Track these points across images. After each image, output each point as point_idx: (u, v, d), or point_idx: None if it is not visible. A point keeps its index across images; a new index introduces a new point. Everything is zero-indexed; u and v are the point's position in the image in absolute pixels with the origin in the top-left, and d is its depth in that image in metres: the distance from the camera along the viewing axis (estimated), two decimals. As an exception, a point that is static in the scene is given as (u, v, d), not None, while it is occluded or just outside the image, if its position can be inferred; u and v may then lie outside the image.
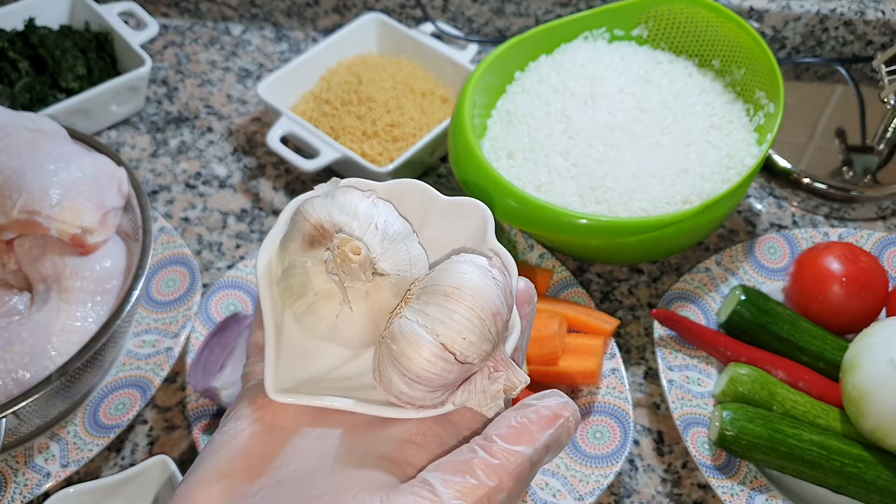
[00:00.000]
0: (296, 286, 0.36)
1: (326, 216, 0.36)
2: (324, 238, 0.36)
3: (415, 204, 0.40)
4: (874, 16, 0.95)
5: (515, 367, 0.35)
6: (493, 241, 0.38)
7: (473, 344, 0.33)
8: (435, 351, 0.33)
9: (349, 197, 0.37)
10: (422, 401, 0.34)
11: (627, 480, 0.71)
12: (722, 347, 0.72)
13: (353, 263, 0.35)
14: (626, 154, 0.76)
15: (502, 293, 0.34)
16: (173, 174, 0.90)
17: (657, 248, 0.77)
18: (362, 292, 0.36)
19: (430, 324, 0.33)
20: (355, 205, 0.36)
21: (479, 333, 0.33)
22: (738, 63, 0.82)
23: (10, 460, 0.66)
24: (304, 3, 1.03)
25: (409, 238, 0.37)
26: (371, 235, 0.36)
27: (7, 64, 0.90)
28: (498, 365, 0.35)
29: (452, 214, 0.39)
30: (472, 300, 0.33)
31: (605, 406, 0.70)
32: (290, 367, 0.37)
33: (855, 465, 0.65)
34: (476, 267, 0.34)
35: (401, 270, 0.36)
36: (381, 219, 0.36)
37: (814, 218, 0.88)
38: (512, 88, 0.83)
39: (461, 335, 0.33)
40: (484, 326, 0.33)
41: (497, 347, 0.34)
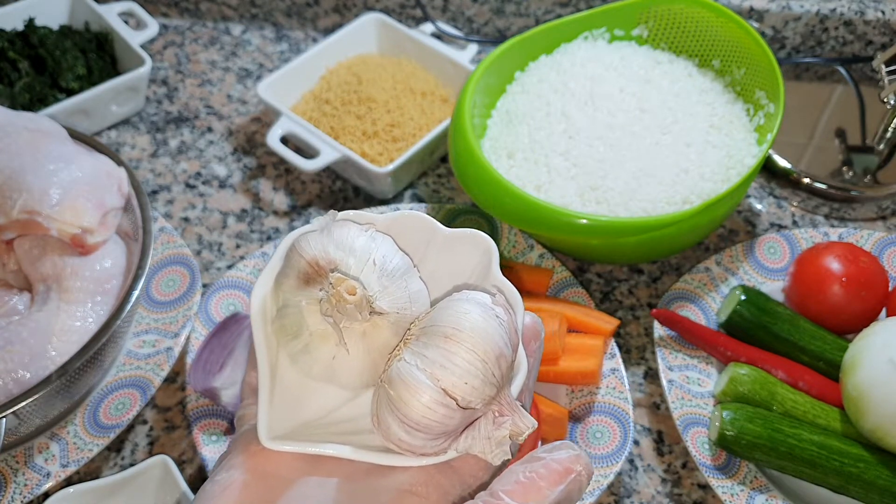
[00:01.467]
0: (290, 326, 0.35)
1: (322, 252, 0.34)
2: (319, 276, 0.34)
3: (415, 236, 0.38)
4: (874, 16, 0.95)
5: (522, 412, 0.33)
6: (498, 275, 0.36)
7: (476, 389, 0.31)
8: (435, 397, 0.31)
9: (346, 231, 0.35)
10: (422, 448, 0.32)
11: (627, 480, 0.71)
12: (722, 347, 0.72)
13: (349, 304, 0.33)
14: (626, 154, 0.76)
15: (506, 333, 0.33)
16: (173, 174, 0.90)
17: (657, 248, 0.77)
18: (359, 332, 0.34)
19: (430, 367, 0.31)
20: (352, 240, 0.35)
21: (482, 377, 0.31)
22: (738, 63, 0.82)
23: (10, 460, 0.66)
24: (304, 3, 1.03)
25: (408, 273, 0.35)
26: (368, 272, 0.34)
27: (7, 64, 0.90)
28: (503, 409, 0.33)
29: (454, 246, 0.38)
30: (473, 342, 0.32)
31: (604, 406, 0.70)
32: (285, 410, 0.35)
33: (855, 464, 0.65)
34: (478, 306, 0.33)
35: (400, 308, 0.34)
36: (379, 254, 0.35)
37: (814, 218, 0.88)
38: (512, 88, 0.83)
39: (463, 380, 0.31)
40: (487, 370, 0.32)
41: (502, 391, 0.33)
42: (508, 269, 0.76)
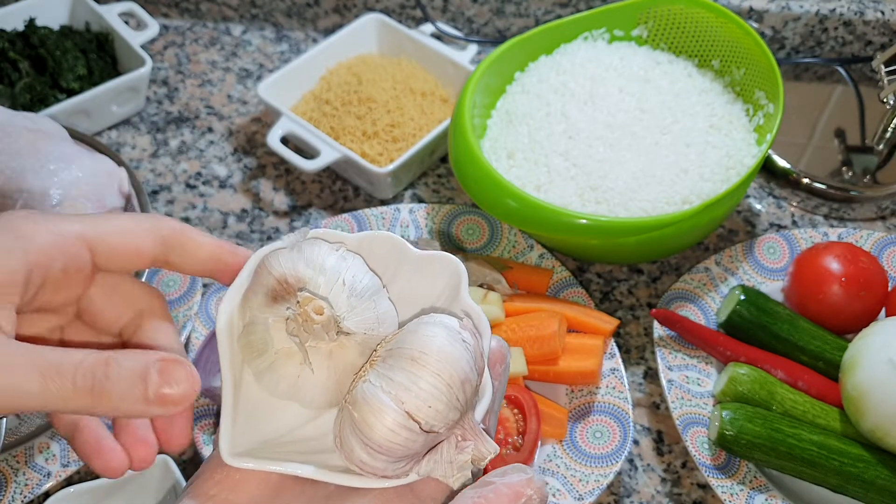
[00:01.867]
0: (256, 343, 0.35)
1: (291, 270, 0.34)
2: (287, 294, 0.34)
3: (385, 256, 0.38)
4: (873, 16, 0.96)
5: (485, 437, 0.33)
6: (466, 298, 0.36)
7: (440, 413, 0.31)
8: (399, 420, 0.31)
9: (316, 250, 0.35)
10: (384, 471, 0.32)
11: (627, 480, 0.71)
12: (721, 347, 0.72)
13: (316, 324, 0.33)
14: (626, 154, 0.76)
15: (472, 358, 0.32)
16: (174, 174, 0.91)
17: (657, 248, 0.77)
18: (325, 352, 0.34)
19: (395, 390, 0.31)
20: (322, 258, 0.34)
21: (447, 401, 0.31)
22: (738, 63, 0.82)
23: (11, 460, 0.66)
24: (305, 4, 1.03)
25: (377, 294, 0.35)
26: (338, 292, 0.34)
27: (7, 64, 0.91)
28: (466, 433, 0.33)
29: (424, 268, 0.37)
30: (439, 366, 0.31)
31: (604, 406, 0.70)
32: (248, 427, 0.35)
33: (854, 464, 0.65)
34: (445, 329, 0.33)
35: (368, 329, 0.34)
36: (349, 274, 0.34)
37: (813, 218, 0.88)
38: (512, 89, 0.83)
39: (427, 403, 0.31)
40: (451, 394, 0.32)
41: (465, 415, 0.33)
42: (508, 269, 0.76)
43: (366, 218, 0.80)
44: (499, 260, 0.78)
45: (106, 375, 0.31)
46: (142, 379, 0.32)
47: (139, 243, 0.35)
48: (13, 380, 0.30)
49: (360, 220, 0.80)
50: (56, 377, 0.31)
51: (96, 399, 0.31)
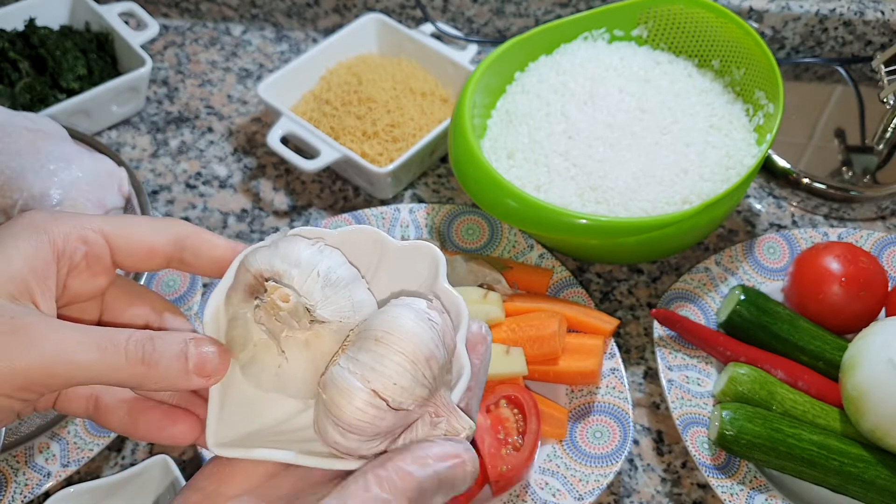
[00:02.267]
0: (238, 337, 0.36)
1: (266, 265, 0.35)
2: (262, 288, 0.35)
3: (367, 250, 0.39)
4: (873, 16, 0.96)
5: (459, 413, 0.34)
6: (443, 283, 0.37)
7: (406, 389, 0.32)
8: (365, 398, 0.32)
9: (293, 245, 0.36)
10: (358, 451, 0.33)
11: (627, 480, 0.71)
12: (721, 347, 0.72)
13: (282, 311, 0.34)
14: (626, 154, 0.76)
15: (439, 336, 0.34)
16: (174, 174, 0.91)
17: (657, 248, 0.77)
18: (302, 341, 0.35)
19: (361, 370, 0.32)
20: (298, 253, 0.36)
21: (412, 378, 0.32)
22: (738, 63, 0.82)
23: (11, 460, 0.66)
24: (305, 4, 1.03)
25: (353, 284, 0.36)
26: (312, 283, 0.35)
27: (7, 64, 0.91)
28: (439, 410, 0.34)
29: (406, 259, 0.39)
30: (402, 344, 0.33)
31: (604, 406, 0.70)
32: (238, 419, 0.36)
33: (854, 464, 0.65)
34: (410, 310, 0.34)
35: (343, 317, 0.35)
36: (323, 266, 0.36)
37: (813, 218, 0.88)
38: (512, 89, 0.83)
39: (392, 381, 0.32)
40: (417, 371, 0.33)
41: (437, 393, 0.34)
42: (508, 269, 0.76)
43: (366, 218, 0.80)
44: (499, 260, 0.78)
45: (153, 348, 0.34)
46: (182, 352, 0.35)
47: (154, 240, 0.37)
48: (69, 352, 0.32)
49: (360, 220, 0.80)
50: (110, 348, 0.33)
51: (147, 369, 0.34)
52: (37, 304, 0.34)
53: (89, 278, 0.37)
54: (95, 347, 0.33)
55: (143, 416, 0.38)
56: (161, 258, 0.38)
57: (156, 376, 0.34)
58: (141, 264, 0.38)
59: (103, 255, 0.36)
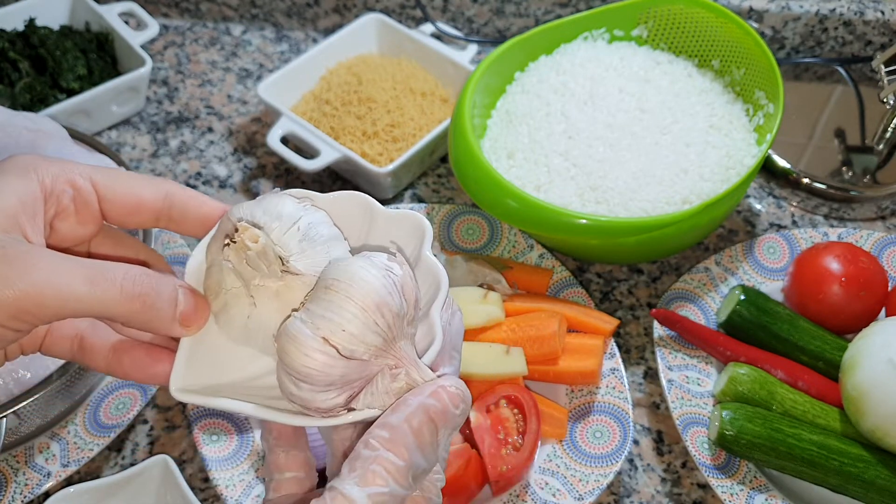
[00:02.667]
0: (213, 285, 0.36)
1: (248, 215, 0.35)
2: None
3: (357, 216, 0.39)
4: (873, 16, 0.96)
5: (419, 364, 0.33)
6: (426, 251, 0.37)
7: (355, 336, 0.32)
8: (314, 346, 0.32)
9: (276, 200, 0.36)
10: (314, 402, 0.33)
11: (627, 480, 0.71)
12: (721, 347, 0.72)
13: (250, 251, 0.34)
14: (626, 154, 0.76)
15: (395, 285, 0.33)
16: (174, 174, 0.91)
17: (657, 248, 0.77)
18: (273, 291, 0.35)
19: (311, 318, 0.32)
20: (281, 207, 0.36)
21: (362, 325, 0.32)
22: (738, 63, 0.82)
23: (11, 460, 0.66)
24: (305, 4, 1.03)
25: (333, 242, 0.36)
26: (291, 235, 0.35)
27: (7, 64, 0.91)
28: (399, 362, 0.33)
29: (394, 227, 0.38)
30: (351, 291, 0.32)
31: (604, 406, 0.70)
32: (206, 370, 0.36)
33: (854, 464, 0.65)
34: (364, 259, 0.33)
35: (317, 272, 0.34)
36: (305, 221, 0.35)
37: (813, 218, 0.88)
38: (512, 89, 0.83)
39: (340, 327, 0.32)
40: (368, 318, 0.32)
41: (395, 344, 0.33)
42: (508, 269, 0.76)
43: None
44: (499, 260, 0.78)
45: (152, 286, 0.34)
46: (173, 297, 0.34)
47: (143, 193, 0.37)
48: (61, 281, 0.32)
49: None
50: (103, 281, 0.32)
51: (141, 306, 0.33)
52: (27, 238, 0.33)
53: (77, 224, 0.36)
54: (87, 279, 0.32)
55: (127, 355, 0.37)
56: (149, 213, 0.37)
57: (147, 315, 0.34)
58: (128, 218, 0.37)
59: (91, 201, 0.36)
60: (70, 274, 0.32)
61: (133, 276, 0.33)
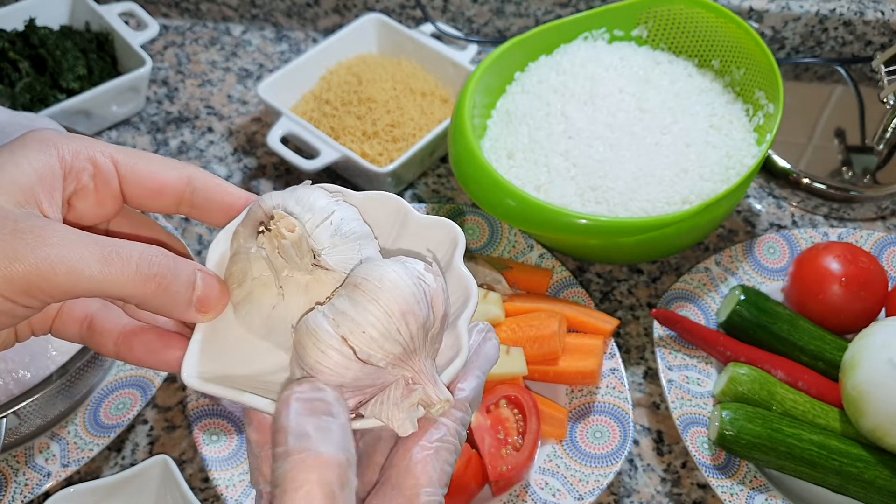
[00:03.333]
0: (237, 273, 0.35)
1: (281, 205, 0.34)
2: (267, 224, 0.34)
3: (388, 219, 0.38)
4: (873, 16, 0.96)
5: (438, 384, 0.32)
6: (458, 262, 0.36)
7: (375, 340, 0.31)
8: (331, 343, 0.31)
9: (309, 192, 0.35)
10: None
11: (627, 480, 0.71)
12: (721, 347, 0.72)
13: (286, 240, 0.32)
14: (626, 154, 0.76)
15: (424, 295, 0.32)
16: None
17: (657, 248, 0.77)
18: (302, 284, 0.34)
19: (334, 314, 0.31)
20: (314, 200, 0.34)
21: (383, 330, 0.31)
22: (738, 63, 0.82)
23: (11, 460, 0.66)
24: (305, 4, 1.03)
25: (364, 240, 0.35)
26: (323, 228, 0.34)
27: (7, 64, 0.91)
28: (416, 376, 0.32)
29: (425, 233, 0.37)
30: (378, 293, 0.31)
31: (604, 406, 0.70)
32: (220, 360, 0.34)
33: (854, 464, 0.65)
34: (399, 264, 0.32)
35: (347, 269, 0.33)
36: (337, 216, 0.34)
37: (813, 218, 0.88)
38: (512, 89, 0.83)
39: (361, 328, 0.30)
40: (391, 323, 0.31)
41: (415, 356, 0.32)
42: (508, 269, 0.76)
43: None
44: (499, 260, 0.78)
45: (169, 268, 0.32)
46: (191, 281, 0.33)
47: (166, 176, 0.35)
48: (74, 257, 0.30)
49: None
50: (118, 260, 0.31)
51: (156, 287, 0.32)
52: (43, 213, 0.32)
53: (96, 204, 0.35)
54: (102, 257, 0.31)
55: (137, 339, 0.36)
56: (171, 197, 0.36)
57: (162, 298, 0.32)
58: (149, 201, 0.36)
59: (111, 180, 0.35)
60: (84, 250, 0.31)
61: (150, 257, 0.32)
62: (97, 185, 0.34)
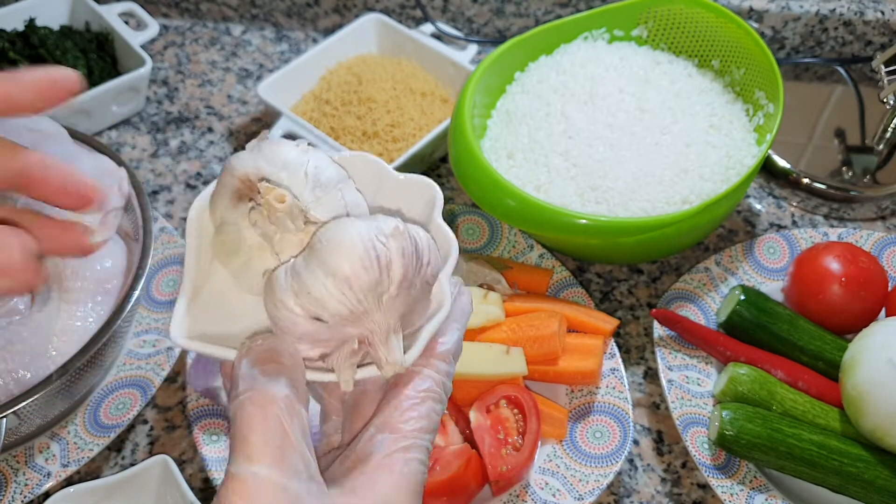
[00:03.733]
0: (230, 243, 0.35)
1: (252, 168, 0.34)
2: (251, 191, 0.34)
3: (366, 179, 0.38)
4: (873, 16, 0.96)
5: (391, 345, 0.33)
6: (438, 219, 0.37)
7: (318, 301, 0.32)
8: (283, 298, 0.32)
9: (275, 147, 0.35)
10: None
11: (627, 480, 0.71)
12: (721, 347, 0.72)
13: (279, 213, 0.33)
14: (626, 154, 0.76)
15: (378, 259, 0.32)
16: (174, 174, 0.91)
17: (657, 248, 0.77)
18: (296, 242, 0.34)
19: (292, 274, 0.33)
20: (283, 154, 0.35)
21: (327, 292, 0.32)
22: (738, 63, 0.82)
23: (11, 460, 0.67)
24: (305, 4, 1.03)
25: (343, 183, 0.35)
26: (301, 183, 0.34)
27: (7, 64, 0.91)
28: (370, 336, 0.33)
29: (404, 191, 0.38)
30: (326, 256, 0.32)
31: (604, 406, 0.70)
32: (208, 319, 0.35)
33: (854, 464, 0.65)
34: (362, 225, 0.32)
35: (337, 214, 0.34)
36: (311, 166, 0.35)
37: (813, 218, 0.88)
38: (512, 89, 0.83)
39: (307, 290, 0.32)
40: (334, 287, 0.32)
41: (367, 316, 0.32)
42: (508, 269, 0.76)
43: (366, 218, 0.80)
44: (499, 260, 0.78)
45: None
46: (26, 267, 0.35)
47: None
48: None
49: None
50: None
51: None
52: None
53: None
54: None
55: None
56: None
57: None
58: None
59: None
60: None
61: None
62: None
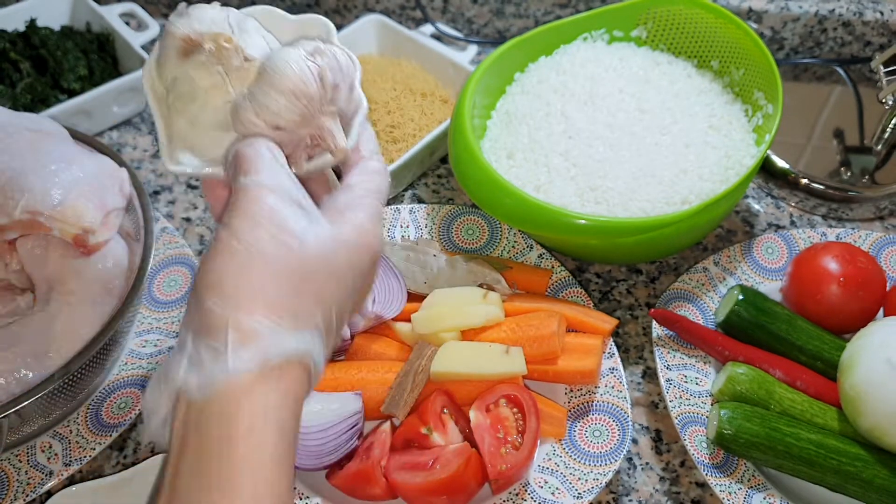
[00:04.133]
0: (186, 93, 0.44)
1: (189, 29, 0.43)
2: (195, 47, 0.43)
3: (270, 25, 0.47)
4: (872, 17, 0.96)
5: (336, 135, 0.44)
6: (337, 43, 0.46)
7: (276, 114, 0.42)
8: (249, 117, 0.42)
9: (200, 9, 0.44)
10: None
11: (626, 479, 0.71)
12: (720, 347, 0.72)
13: (227, 50, 0.43)
14: (626, 154, 0.76)
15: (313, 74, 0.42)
16: (174, 175, 0.91)
17: (656, 248, 0.77)
18: (241, 78, 0.43)
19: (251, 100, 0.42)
20: (208, 13, 0.44)
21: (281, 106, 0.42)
22: (737, 64, 0.83)
23: (13, 459, 0.67)
24: (305, 4, 1.03)
25: (259, 29, 0.45)
26: (229, 32, 0.43)
27: (8, 65, 0.91)
28: (321, 132, 0.44)
29: (304, 31, 0.47)
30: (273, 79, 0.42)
31: (603, 405, 0.70)
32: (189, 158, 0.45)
33: (852, 463, 0.65)
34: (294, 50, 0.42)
35: (263, 56, 0.44)
36: (233, 17, 0.44)
37: (812, 218, 0.89)
38: (511, 89, 0.84)
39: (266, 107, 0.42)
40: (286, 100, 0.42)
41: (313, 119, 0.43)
42: (508, 269, 0.76)
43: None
44: (499, 260, 0.78)
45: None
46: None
47: None
48: None
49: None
50: None
51: None
52: None
53: None
54: None
55: None
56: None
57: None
58: None
59: None
60: None
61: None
62: None
